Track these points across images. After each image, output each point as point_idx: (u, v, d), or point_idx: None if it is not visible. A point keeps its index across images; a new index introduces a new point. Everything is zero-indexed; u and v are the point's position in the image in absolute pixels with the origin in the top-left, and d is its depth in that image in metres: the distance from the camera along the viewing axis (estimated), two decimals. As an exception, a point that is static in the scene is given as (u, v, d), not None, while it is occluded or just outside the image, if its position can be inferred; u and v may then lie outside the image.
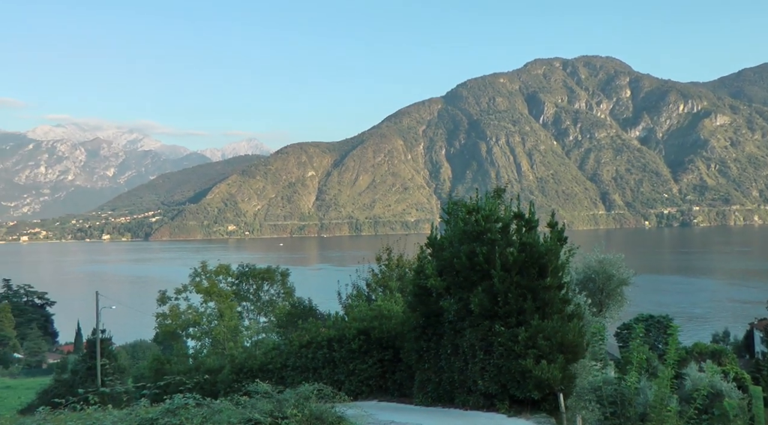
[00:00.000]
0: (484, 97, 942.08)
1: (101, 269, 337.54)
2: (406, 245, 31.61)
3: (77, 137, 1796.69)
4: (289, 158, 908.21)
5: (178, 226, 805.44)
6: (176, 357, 33.11)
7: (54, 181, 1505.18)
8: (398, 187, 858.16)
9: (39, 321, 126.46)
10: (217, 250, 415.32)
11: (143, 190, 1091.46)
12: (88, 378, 41.63)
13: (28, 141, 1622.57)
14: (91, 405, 10.85)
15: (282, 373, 20.83)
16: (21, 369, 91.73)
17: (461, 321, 15.86)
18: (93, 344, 43.92)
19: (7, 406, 47.25)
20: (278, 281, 45.12)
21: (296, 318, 28.67)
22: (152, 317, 49.27)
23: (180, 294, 44.12)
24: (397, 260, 29.73)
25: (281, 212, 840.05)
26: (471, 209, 16.56)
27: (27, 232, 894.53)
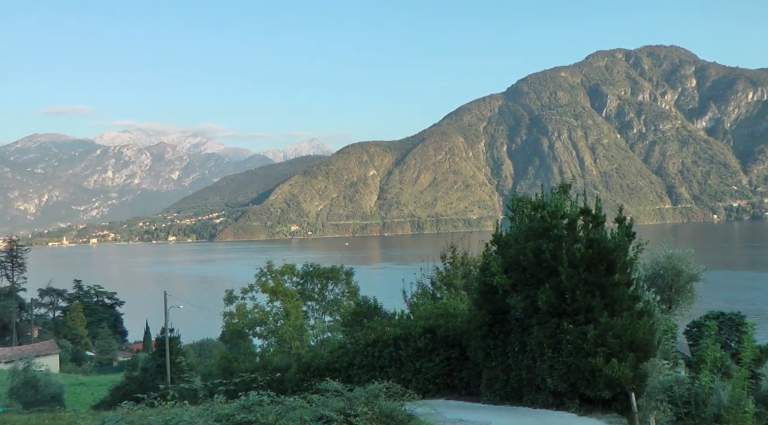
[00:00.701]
0: (545, 91, 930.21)
1: (168, 270, 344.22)
2: (470, 243, 31.44)
3: (143, 142, 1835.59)
4: (351, 158, 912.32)
5: (241, 227, 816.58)
6: (243, 356, 33.58)
7: (121, 185, 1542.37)
8: (460, 184, 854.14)
9: (109, 320, 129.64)
10: (280, 250, 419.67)
11: (207, 192, 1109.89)
12: (158, 376, 42.54)
13: (96, 147, 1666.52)
14: (168, 401, 11.10)
15: (348, 372, 20.92)
16: (93, 367, 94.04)
17: (528, 319, 15.71)
18: (162, 342, 44.85)
19: (81, 402, 48.56)
20: (342, 281, 45.31)
21: (361, 317, 28.77)
22: (219, 317, 50.04)
23: (246, 294, 44.69)
24: (462, 258, 29.58)
25: (343, 211, 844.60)
26: (536, 205, 16.39)
27: (96, 234, 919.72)
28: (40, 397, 42.81)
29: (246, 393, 10.90)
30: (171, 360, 42.57)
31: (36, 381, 44.11)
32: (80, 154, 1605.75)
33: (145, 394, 11.65)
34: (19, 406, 39.96)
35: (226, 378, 25.71)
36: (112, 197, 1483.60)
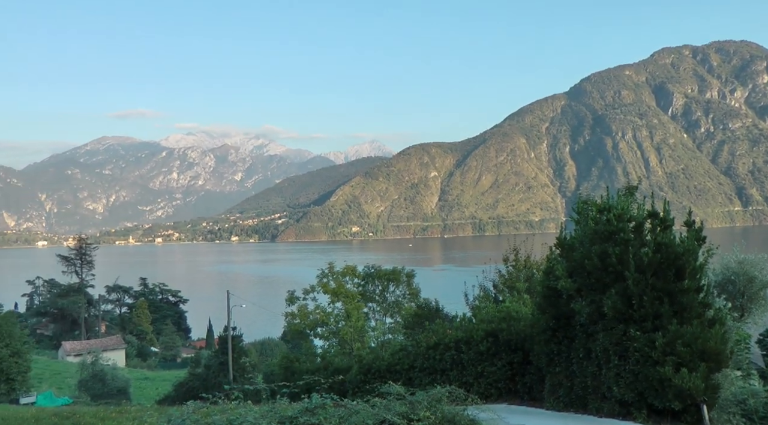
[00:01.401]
0: (608, 90, 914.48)
1: (230, 270, 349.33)
2: (533, 246, 31.07)
3: (206, 144, 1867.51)
4: (412, 159, 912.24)
5: (303, 228, 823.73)
6: (304, 356, 33.77)
7: (185, 186, 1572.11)
8: (521, 186, 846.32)
9: (173, 317, 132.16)
10: (341, 251, 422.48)
11: (269, 193, 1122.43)
12: (220, 373, 43.11)
13: (161, 149, 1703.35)
14: (232, 400, 11.18)
15: (409, 374, 20.80)
16: (157, 362, 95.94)
17: (593, 324, 15.34)
18: (225, 340, 45.43)
19: (146, 396, 49.60)
20: (404, 282, 45.18)
21: (423, 319, 28.66)
22: (280, 317, 50.46)
23: (308, 294, 44.92)
24: (525, 261, 29.21)
25: (404, 213, 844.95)
26: (602, 207, 16.03)
27: (161, 234, 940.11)
28: (107, 390, 43.77)
29: (309, 395, 10.90)
30: (233, 359, 43.10)
31: (103, 374, 45.11)
32: (146, 156, 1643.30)
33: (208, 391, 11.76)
34: (88, 398, 40.95)
35: (287, 378, 25.94)
36: (177, 197, 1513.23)
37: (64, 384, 51.44)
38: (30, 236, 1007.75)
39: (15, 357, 37.12)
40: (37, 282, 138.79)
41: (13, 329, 38.50)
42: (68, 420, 16.54)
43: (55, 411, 19.23)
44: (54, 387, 47.18)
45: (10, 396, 35.79)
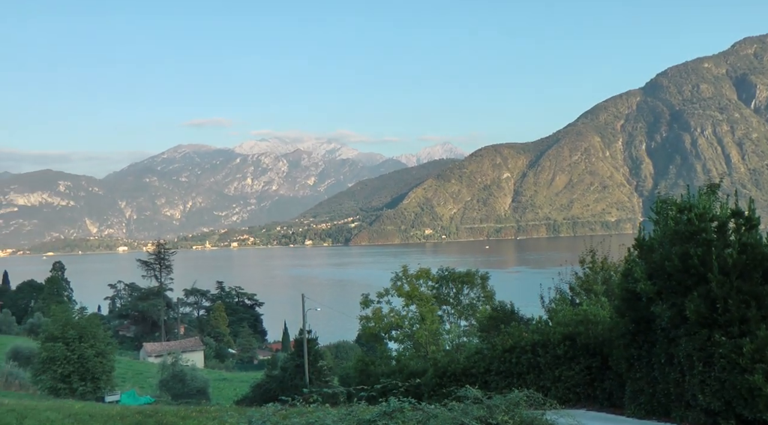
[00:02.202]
0: (686, 85, 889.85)
1: (305, 273, 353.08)
2: (610, 247, 30.47)
3: (279, 149, 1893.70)
4: (484, 161, 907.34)
5: (376, 231, 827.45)
6: (380, 359, 33.83)
7: (259, 191, 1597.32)
8: (597, 186, 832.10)
9: (249, 320, 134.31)
10: (414, 254, 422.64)
11: (342, 197, 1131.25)
12: (296, 375, 43.55)
13: (235, 156, 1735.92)
14: (311, 403, 11.29)
15: (485, 377, 20.62)
16: (235, 364, 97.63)
17: (675, 329, 14.82)
18: (300, 343, 45.87)
19: (224, 396, 50.48)
20: (478, 285, 44.84)
21: (498, 322, 28.39)
22: (354, 320, 50.68)
23: (382, 298, 45.00)
24: (602, 263, 28.65)
25: (477, 214, 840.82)
26: (682, 207, 15.53)
27: (236, 238, 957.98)
28: (186, 390, 44.73)
29: (387, 399, 10.89)
30: (309, 362, 43.49)
31: (183, 374, 46.08)
32: (221, 163, 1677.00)
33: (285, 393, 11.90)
34: (169, 397, 41.96)
35: (362, 381, 26.04)
36: (251, 203, 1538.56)
37: (146, 384, 52.78)
38: (111, 242, 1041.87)
39: (99, 357, 38.25)
40: (119, 286, 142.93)
41: (98, 330, 39.69)
42: (151, 418, 17.01)
43: (139, 409, 19.79)
44: (137, 387, 48.46)
45: (96, 394, 36.98)
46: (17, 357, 48.75)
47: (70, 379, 36.66)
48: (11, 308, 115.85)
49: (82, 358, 37.19)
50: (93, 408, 21.33)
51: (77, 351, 37.18)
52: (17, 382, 41.13)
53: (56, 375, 36.58)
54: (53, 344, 37.47)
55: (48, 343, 37.92)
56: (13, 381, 41.23)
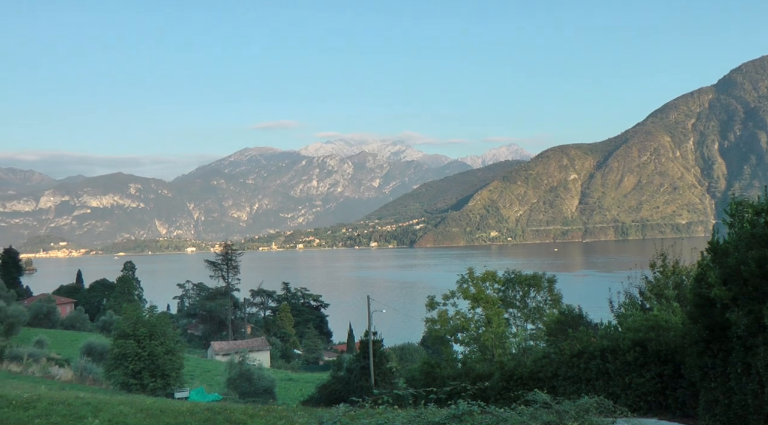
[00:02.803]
0: (762, 81, 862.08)
1: (370, 275, 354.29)
2: (681, 250, 29.72)
3: (345, 151, 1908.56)
4: (550, 162, 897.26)
5: (441, 233, 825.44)
6: (445, 362, 33.75)
7: (325, 193, 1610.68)
8: (667, 187, 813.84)
9: (315, 321, 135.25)
10: (479, 256, 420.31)
11: (407, 199, 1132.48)
12: (362, 377, 43.67)
13: (301, 158, 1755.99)
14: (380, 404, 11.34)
15: (553, 382, 20.35)
16: (300, 364, 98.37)
17: (753, 337, 14.28)
18: (366, 345, 45.99)
19: (290, 396, 50.94)
20: (545, 288, 44.34)
21: (566, 326, 28.01)
22: (420, 322, 50.63)
23: (448, 300, 44.84)
24: (673, 267, 27.93)
25: (543, 217, 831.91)
26: (759, 209, 14.99)
27: (302, 240, 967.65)
28: (253, 389, 45.31)
29: (455, 401, 10.86)
30: (375, 363, 43.58)
31: (250, 374, 46.68)
32: (287, 165, 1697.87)
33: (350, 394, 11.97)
34: (236, 395, 42.59)
35: (428, 383, 26.00)
36: (317, 204, 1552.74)
37: (213, 382, 53.66)
38: (180, 242, 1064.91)
39: (169, 355, 39.07)
40: (187, 286, 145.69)
41: (167, 328, 40.57)
42: (220, 415, 17.31)
43: (208, 406, 20.14)
44: (205, 384, 49.29)
45: (166, 390, 37.79)
46: (91, 353, 50.18)
47: (141, 375, 37.55)
48: (84, 306, 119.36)
49: (152, 355, 38.04)
50: (163, 403, 21.82)
51: (148, 348, 38.06)
52: (91, 377, 42.31)
53: (128, 371, 37.52)
54: (125, 341, 38.44)
55: (120, 340, 38.92)
56: (87, 376, 42.43)
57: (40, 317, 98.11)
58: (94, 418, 16.30)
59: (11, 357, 46.22)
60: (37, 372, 41.29)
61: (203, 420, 16.62)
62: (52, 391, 24.81)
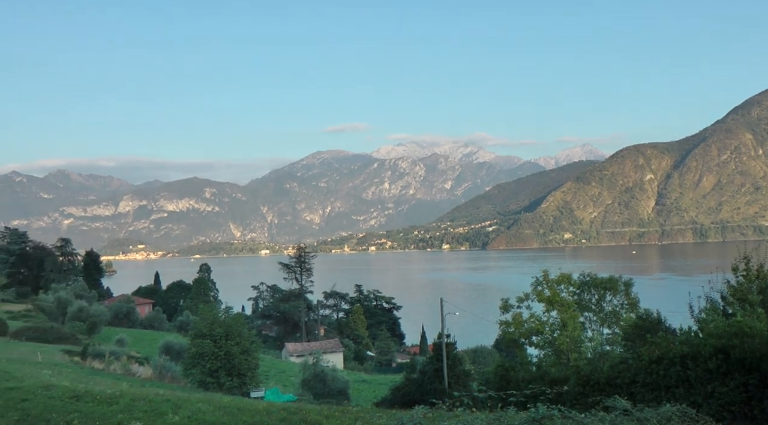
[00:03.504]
0: None
1: (442, 277, 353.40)
2: (766, 253, 28.76)
3: (416, 154, 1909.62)
4: (625, 162, 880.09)
5: (514, 235, 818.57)
6: (520, 365, 33.39)
7: (397, 195, 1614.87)
8: (748, 187, 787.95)
9: (387, 323, 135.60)
10: (553, 258, 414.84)
11: (479, 201, 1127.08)
12: (435, 379, 43.58)
13: (373, 161, 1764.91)
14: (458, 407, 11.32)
15: (631, 389, 19.86)
16: (373, 366, 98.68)
17: (844, 344, 13.78)
18: (439, 347, 45.88)
19: (363, 398, 51.19)
20: (621, 292, 43.40)
21: (643, 331, 27.41)
22: (492, 324, 50.17)
23: (522, 302, 44.36)
24: (757, 271, 27.01)
25: (618, 218, 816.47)
26: None
27: (374, 242, 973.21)
28: (327, 390, 45.73)
29: (535, 405, 10.75)
30: (448, 366, 43.44)
31: (324, 375, 47.12)
32: (359, 168, 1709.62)
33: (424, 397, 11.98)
34: (310, 396, 43.05)
35: (502, 387, 25.76)
36: (389, 207, 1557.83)
37: (288, 382, 54.35)
38: (254, 245, 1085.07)
39: (244, 355, 39.82)
40: (261, 288, 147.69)
41: (242, 329, 41.33)
42: (295, 415, 17.51)
43: (284, 406, 20.42)
44: (280, 385, 49.98)
45: (242, 389, 38.49)
46: (169, 352, 51.53)
47: (218, 374, 38.35)
48: (162, 307, 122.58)
49: (228, 355, 38.81)
50: (240, 402, 22.26)
51: (224, 348, 38.84)
52: (169, 375, 43.40)
53: (205, 369, 38.38)
54: (202, 341, 39.35)
55: (197, 340, 39.86)
56: (166, 374, 43.54)
57: (121, 316, 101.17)
58: (174, 415, 16.73)
59: (94, 354, 47.90)
60: (119, 369, 42.58)
61: (279, 419, 16.85)
62: (133, 388, 25.59)
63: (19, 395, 18.94)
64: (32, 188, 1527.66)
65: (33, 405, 17.49)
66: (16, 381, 22.60)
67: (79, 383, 24.54)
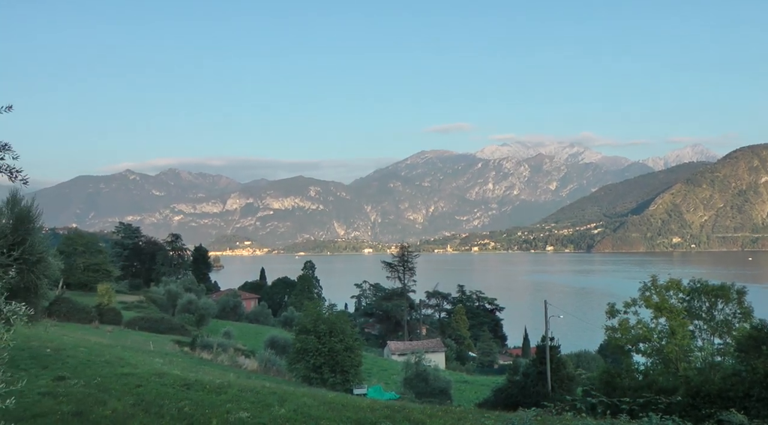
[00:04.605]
0: None
1: (545, 279, 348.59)
2: None
3: (521, 154, 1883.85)
4: (739, 163, 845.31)
5: (620, 238, 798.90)
6: (625, 372, 32.68)
7: (501, 196, 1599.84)
8: None
9: (489, 324, 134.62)
10: (661, 263, 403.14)
11: (585, 202, 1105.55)
12: (538, 383, 43.15)
13: (477, 160, 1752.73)
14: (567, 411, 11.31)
15: (744, 403, 19.16)
16: (475, 367, 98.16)
17: None
18: (542, 350, 45.42)
19: (465, 398, 50.98)
20: (734, 300, 41.70)
21: (759, 343, 26.38)
22: (597, 329, 49.24)
23: (629, 308, 43.28)
24: None
25: (731, 223, 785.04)
26: None
27: (477, 243, 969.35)
28: (429, 389, 45.77)
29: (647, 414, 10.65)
30: (552, 369, 42.96)
31: (426, 374, 47.22)
32: (462, 168, 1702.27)
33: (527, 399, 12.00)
34: (412, 395, 43.20)
35: (607, 393, 25.36)
36: (492, 207, 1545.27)
37: (390, 380, 54.72)
38: (357, 243, 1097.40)
39: (348, 352, 40.37)
40: (364, 286, 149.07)
41: (346, 326, 41.94)
42: (399, 413, 17.67)
43: (387, 404, 20.58)
44: (382, 382, 50.46)
45: (345, 386, 39.05)
46: (274, 346, 52.88)
47: (322, 370, 39.05)
48: (267, 302, 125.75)
49: (332, 351, 39.46)
50: (345, 398, 22.60)
51: (327, 344, 39.52)
52: (274, 368, 44.54)
53: (309, 365, 39.15)
54: (306, 336, 40.19)
55: (301, 335, 40.73)
56: (271, 367, 44.71)
57: (227, 310, 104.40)
58: (280, 407, 17.10)
59: (202, 345, 49.83)
60: (226, 360, 44.03)
61: (383, 416, 17.02)
62: (240, 379, 26.41)
63: (134, 381, 19.84)
64: (145, 186, 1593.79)
65: (147, 391, 18.30)
66: (131, 367, 23.64)
67: (189, 372, 25.49)
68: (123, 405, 15.86)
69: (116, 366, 23.80)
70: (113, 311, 66.69)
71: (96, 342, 36.30)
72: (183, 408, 15.91)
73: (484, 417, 16.39)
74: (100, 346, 32.64)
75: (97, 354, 26.71)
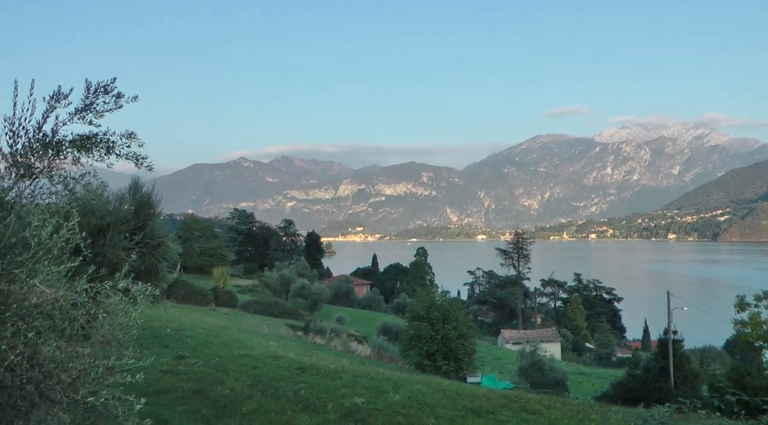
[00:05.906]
0: None
1: (667, 269, 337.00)
2: None
3: (641, 137, 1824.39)
4: None
5: (749, 226, 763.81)
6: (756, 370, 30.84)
7: (620, 181, 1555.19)
8: None
9: (607, 315, 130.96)
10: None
11: (710, 187, 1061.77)
12: (660, 378, 41.44)
13: (594, 144, 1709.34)
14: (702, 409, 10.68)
15: None
16: (592, 359, 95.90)
17: None
18: (665, 343, 43.63)
19: (582, 391, 49.67)
20: None
21: None
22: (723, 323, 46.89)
23: (760, 301, 40.82)
24: None
25: None
26: None
27: (594, 230, 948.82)
28: (545, 380, 44.79)
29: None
30: (675, 364, 41.06)
31: (542, 364, 46.26)
32: (579, 152, 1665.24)
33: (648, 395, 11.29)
34: (527, 385, 42.29)
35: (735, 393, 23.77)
36: (611, 193, 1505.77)
37: (504, 370, 53.92)
38: (470, 230, 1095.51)
39: (461, 340, 39.77)
40: (478, 273, 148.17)
41: (459, 314, 41.33)
42: (515, 403, 17.40)
43: (503, 394, 20.29)
44: (496, 371, 49.68)
45: (458, 374, 38.53)
46: (386, 332, 52.99)
47: (435, 357, 38.63)
48: (379, 288, 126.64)
49: (445, 339, 38.97)
50: (459, 386, 22.38)
51: (441, 331, 39.06)
52: (387, 355, 44.47)
53: (422, 352, 38.82)
54: (419, 323, 39.85)
55: (414, 322, 40.43)
56: (384, 353, 44.68)
57: (340, 295, 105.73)
58: (395, 394, 17.09)
59: (316, 330, 50.46)
60: (339, 345, 44.36)
61: (499, 406, 16.79)
62: (353, 364, 26.47)
63: (251, 362, 20.32)
64: (258, 173, 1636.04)
65: (263, 372, 18.68)
66: (247, 349, 24.22)
67: (303, 356, 25.87)
68: (240, 385, 16.32)
69: (233, 347, 24.47)
70: (229, 295, 68.55)
71: (213, 323, 37.33)
72: (299, 391, 16.23)
73: (611, 411, 15.60)
74: (217, 328, 33.62)
75: (214, 336, 27.53)
